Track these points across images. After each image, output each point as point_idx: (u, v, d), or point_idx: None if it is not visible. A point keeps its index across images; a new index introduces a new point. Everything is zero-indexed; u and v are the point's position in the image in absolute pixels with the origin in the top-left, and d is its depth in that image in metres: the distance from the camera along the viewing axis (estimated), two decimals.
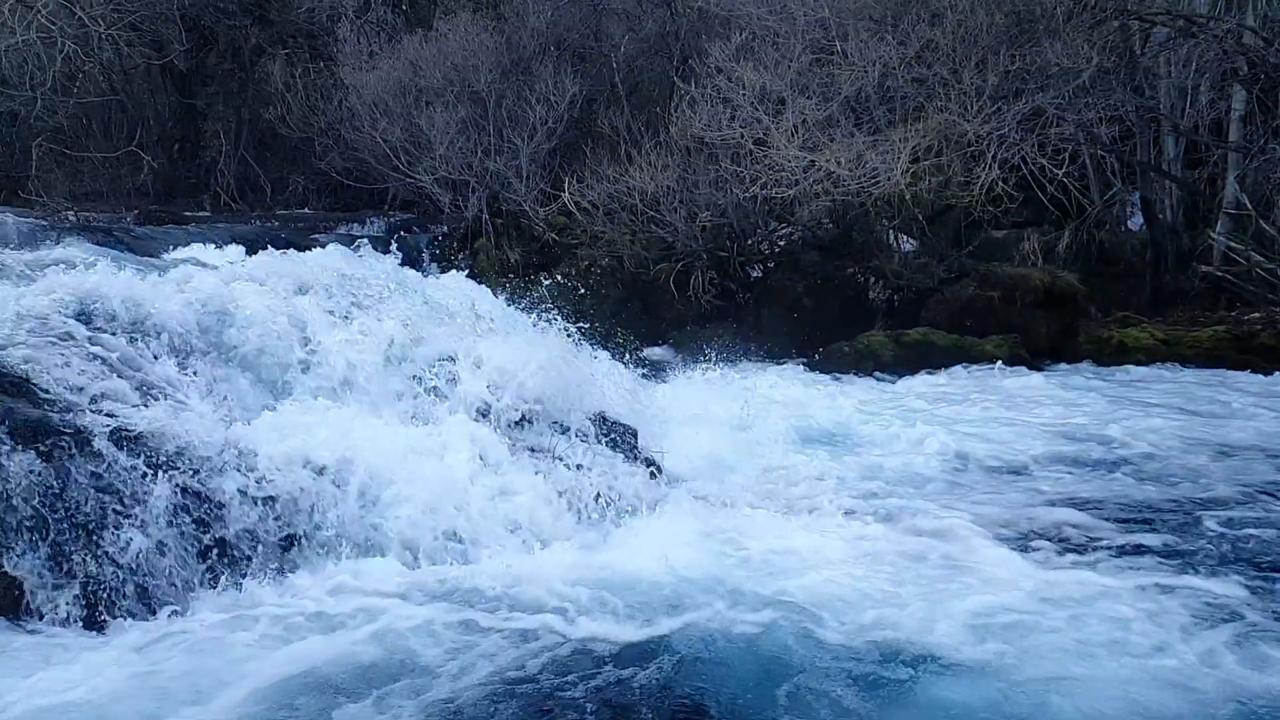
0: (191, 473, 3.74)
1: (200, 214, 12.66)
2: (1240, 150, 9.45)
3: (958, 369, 8.27)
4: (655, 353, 9.25)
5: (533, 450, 4.74)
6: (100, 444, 3.61)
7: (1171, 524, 4.45)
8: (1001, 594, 3.61)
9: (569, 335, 5.83)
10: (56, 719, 2.79)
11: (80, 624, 3.33)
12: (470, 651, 3.21)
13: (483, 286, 6.49)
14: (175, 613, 3.43)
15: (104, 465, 3.58)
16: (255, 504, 3.80)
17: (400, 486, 4.16)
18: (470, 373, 4.96)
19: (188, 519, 3.66)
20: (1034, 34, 8.96)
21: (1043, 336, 8.82)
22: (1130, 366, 8.30)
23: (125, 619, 3.37)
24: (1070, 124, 8.86)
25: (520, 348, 5.21)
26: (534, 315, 5.91)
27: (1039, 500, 4.83)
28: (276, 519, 3.83)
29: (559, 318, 5.84)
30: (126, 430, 3.73)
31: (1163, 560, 3.99)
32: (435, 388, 4.86)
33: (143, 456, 3.67)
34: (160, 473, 3.66)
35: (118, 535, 3.48)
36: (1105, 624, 3.38)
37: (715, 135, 9.27)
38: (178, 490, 3.66)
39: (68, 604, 3.34)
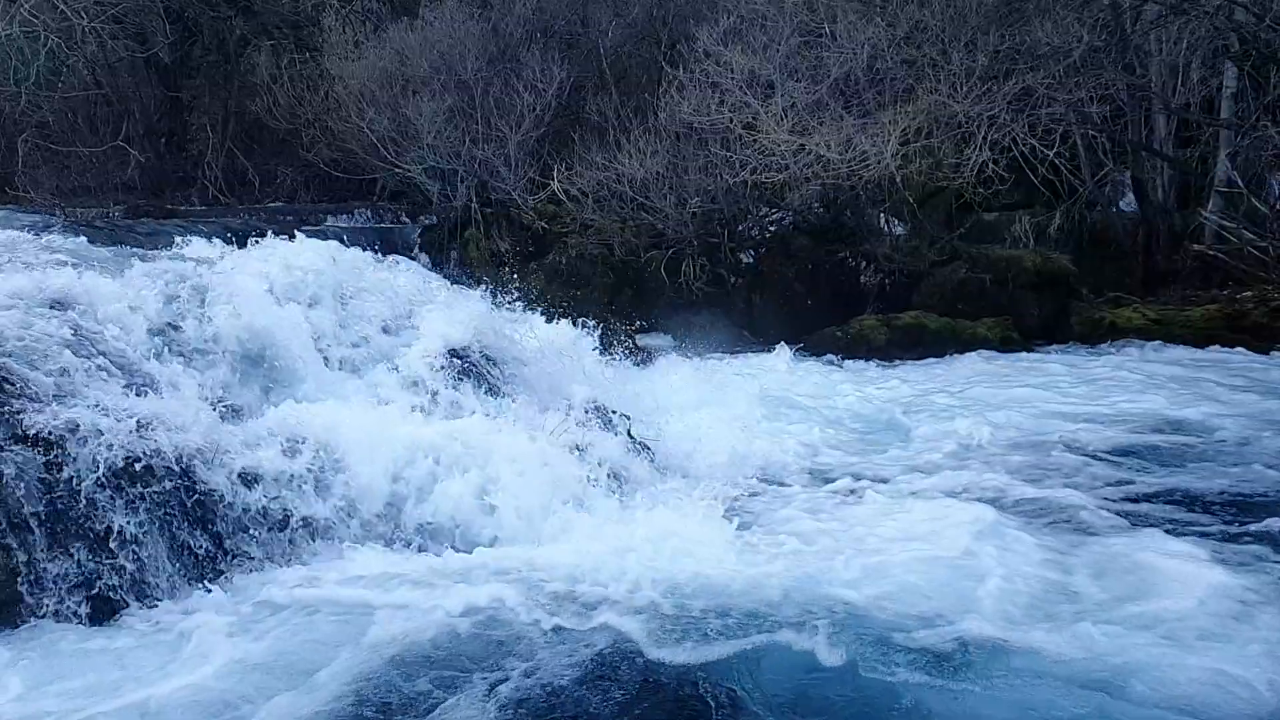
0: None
1: (190, 208, 12.57)
2: (1232, 128, 9.40)
3: (969, 354, 8.19)
4: (648, 341, 9.20)
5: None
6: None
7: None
8: (1113, 581, 3.50)
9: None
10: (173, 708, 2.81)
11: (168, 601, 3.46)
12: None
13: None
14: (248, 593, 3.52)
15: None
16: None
17: (406, 471, 4.20)
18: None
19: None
20: (1024, 13, 8.90)
21: (1034, 318, 8.80)
22: (1157, 343, 8.24)
23: (197, 604, 3.45)
24: (1061, 104, 8.80)
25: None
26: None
27: (1126, 487, 4.65)
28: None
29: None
30: None
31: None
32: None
33: None
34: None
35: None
36: (1227, 605, 3.27)
37: (704, 120, 9.21)
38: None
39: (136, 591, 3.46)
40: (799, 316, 9.05)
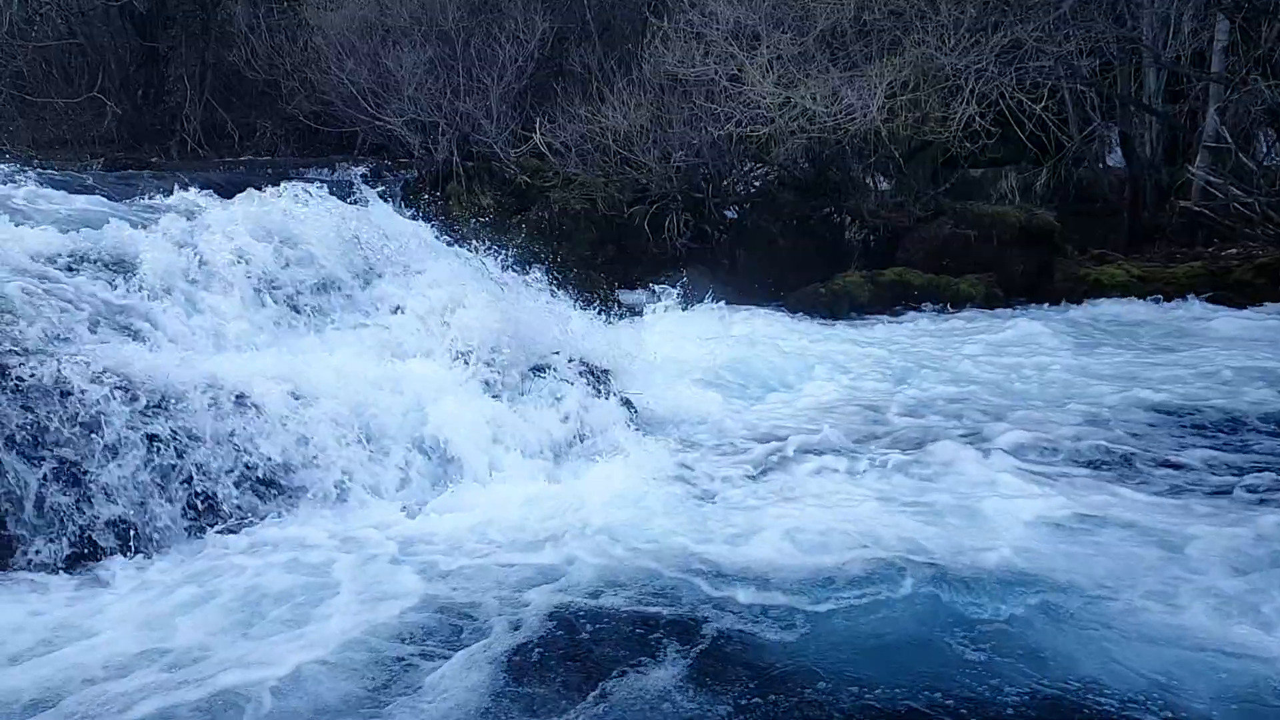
0: None
1: (167, 161, 12.37)
2: (1222, 82, 9.30)
3: (962, 310, 8.13)
4: (631, 297, 9.12)
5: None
6: None
7: None
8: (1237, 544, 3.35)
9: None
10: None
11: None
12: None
13: None
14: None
15: None
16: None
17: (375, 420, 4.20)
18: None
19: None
20: None
21: (1019, 275, 8.76)
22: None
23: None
24: (1050, 57, 8.68)
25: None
26: None
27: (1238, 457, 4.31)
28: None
29: None
30: None
31: None
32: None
33: None
34: None
35: None
36: None
37: (689, 72, 9.07)
38: None
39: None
40: (783, 272, 8.98)
